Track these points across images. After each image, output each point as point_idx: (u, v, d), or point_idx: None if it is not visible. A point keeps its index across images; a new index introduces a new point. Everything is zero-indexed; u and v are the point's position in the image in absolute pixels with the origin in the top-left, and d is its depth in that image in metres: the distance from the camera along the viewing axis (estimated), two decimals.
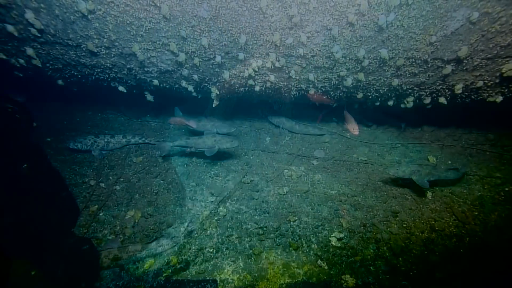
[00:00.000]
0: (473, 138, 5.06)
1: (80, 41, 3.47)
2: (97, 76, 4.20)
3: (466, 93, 3.66)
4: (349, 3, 2.79)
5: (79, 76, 4.27)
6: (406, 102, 4.12)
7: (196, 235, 3.60)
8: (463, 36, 2.87)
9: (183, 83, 4.11)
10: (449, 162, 4.64)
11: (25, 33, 3.38)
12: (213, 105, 4.61)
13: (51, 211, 2.03)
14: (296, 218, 3.81)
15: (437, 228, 3.56)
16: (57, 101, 5.97)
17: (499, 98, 3.55)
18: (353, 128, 4.70)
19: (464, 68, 3.21)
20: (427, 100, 3.98)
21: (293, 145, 5.28)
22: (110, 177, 4.54)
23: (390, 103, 4.24)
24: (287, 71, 3.67)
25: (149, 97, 4.65)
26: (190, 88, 4.19)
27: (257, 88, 4.03)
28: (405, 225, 3.68)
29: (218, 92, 4.28)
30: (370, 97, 4.15)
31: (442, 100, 3.88)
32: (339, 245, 3.48)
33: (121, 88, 4.48)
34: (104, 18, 3.17)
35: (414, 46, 3.05)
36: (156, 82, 4.10)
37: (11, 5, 3.03)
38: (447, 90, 3.66)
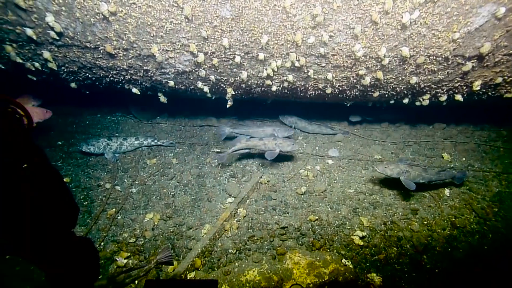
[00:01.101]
0: (486, 135, 5.10)
1: (98, 43, 3.45)
2: (111, 78, 4.18)
3: (484, 90, 3.69)
4: (374, 1, 2.80)
5: (93, 79, 4.25)
6: (421, 100, 4.14)
7: (217, 236, 3.59)
8: (487, 32, 2.90)
9: (199, 84, 4.11)
10: (463, 159, 4.67)
11: (44, 36, 3.35)
12: (227, 106, 4.62)
13: (51, 211, 2.04)
14: (317, 217, 3.81)
15: (458, 225, 3.58)
16: (66, 104, 5.94)
17: None
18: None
19: (485, 65, 3.24)
20: (443, 98, 4.01)
21: (307, 144, 5.29)
22: (125, 180, 4.52)
23: (405, 101, 4.26)
24: (305, 71, 3.68)
25: (163, 99, 4.64)
26: (206, 89, 4.19)
27: (274, 88, 4.04)
28: (425, 222, 3.69)
29: (233, 93, 4.28)
30: (386, 95, 4.17)
31: (458, 97, 3.91)
32: (362, 243, 3.49)
33: (134, 90, 4.47)
34: (124, 19, 3.15)
35: (436, 44, 3.07)
36: (171, 83, 4.09)
37: (32, 8, 3.01)
38: (464, 87, 3.69)
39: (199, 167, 4.74)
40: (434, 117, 5.48)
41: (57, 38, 3.36)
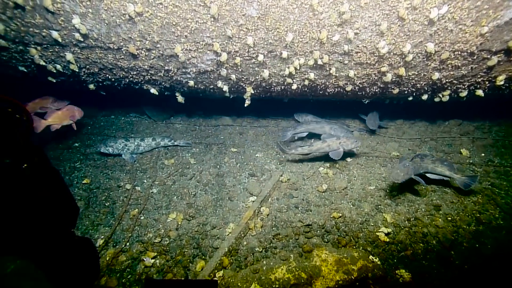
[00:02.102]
0: (503, 130, 5.10)
1: (122, 44, 3.46)
2: (131, 79, 4.19)
3: (507, 84, 3.69)
4: None
5: (113, 80, 4.27)
6: (441, 96, 4.14)
7: (242, 235, 3.60)
8: None
9: (219, 83, 4.11)
10: (482, 154, 4.67)
11: (68, 38, 3.37)
12: (245, 105, 4.63)
13: (51, 211, 2.05)
14: (340, 214, 3.82)
15: (483, 221, 3.58)
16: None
17: None
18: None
19: (511, 59, 3.25)
20: (464, 93, 4.01)
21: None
22: (145, 181, 4.53)
23: (425, 97, 4.26)
24: (328, 68, 3.68)
25: (180, 99, 4.65)
26: (225, 88, 4.20)
27: (294, 86, 4.04)
28: (449, 218, 3.69)
29: (253, 92, 4.29)
30: (406, 92, 4.18)
31: (479, 92, 3.91)
32: (387, 240, 3.49)
33: (153, 90, 4.48)
34: (150, 20, 3.16)
35: (462, 39, 3.07)
36: (191, 83, 4.10)
37: (59, 11, 3.02)
38: (487, 82, 3.69)
39: (218, 166, 4.75)
40: (445, 114, 5.47)
41: (82, 39, 3.37)
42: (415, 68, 3.58)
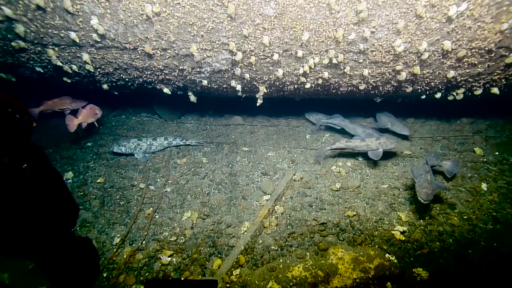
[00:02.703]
0: None
1: (138, 44, 3.50)
2: (145, 78, 4.23)
3: None
4: None
5: (127, 80, 4.30)
6: (455, 94, 4.13)
7: (257, 233, 3.61)
8: None
9: (232, 83, 4.13)
10: (496, 153, 4.64)
11: (86, 39, 3.41)
12: (257, 104, 4.65)
13: (51, 211, 2.05)
14: (354, 213, 3.82)
15: (500, 220, 3.56)
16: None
17: None
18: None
19: None
20: (479, 91, 3.99)
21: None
22: (158, 180, 4.56)
23: (438, 95, 4.25)
24: (342, 67, 3.68)
25: (193, 98, 4.68)
26: (238, 87, 4.21)
27: (307, 85, 4.05)
28: (465, 217, 3.68)
29: (266, 91, 4.31)
30: (419, 90, 4.16)
31: (495, 90, 3.89)
32: (403, 238, 3.49)
33: (166, 90, 4.51)
34: (167, 20, 3.19)
35: (480, 36, 3.06)
36: (205, 82, 4.13)
37: (78, 12, 3.06)
38: (503, 80, 3.67)
39: (230, 165, 4.77)
40: (456, 112, 5.43)
41: (99, 40, 3.41)
42: (430, 66, 3.57)
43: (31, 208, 1.81)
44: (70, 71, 3.94)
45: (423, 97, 4.40)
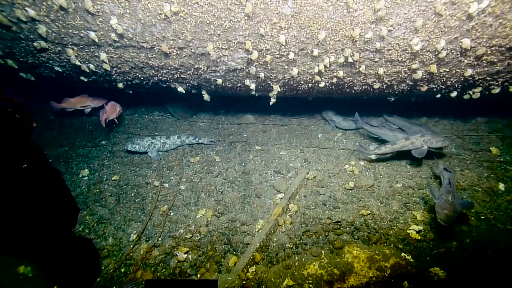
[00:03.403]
0: None
1: (155, 43, 3.55)
2: (159, 77, 4.28)
3: None
4: None
5: (142, 78, 4.37)
6: (472, 93, 4.09)
7: (272, 231, 3.64)
8: None
9: (247, 82, 4.16)
10: None
11: (105, 38, 3.48)
12: (270, 103, 4.67)
13: (50, 211, 2.04)
14: (369, 212, 3.82)
15: None
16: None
17: None
18: None
19: None
20: (496, 90, 3.94)
21: (347, 140, 5.29)
22: (172, 178, 4.62)
23: (454, 94, 4.21)
24: (357, 66, 3.68)
25: (206, 97, 4.73)
26: (252, 86, 4.24)
27: (321, 84, 4.06)
28: (482, 217, 3.65)
29: (279, 90, 4.33)
30: (435, 89, 4.14)
31: None
32: (419, 237, 3.48)
33: (180, 89, 4.56)
34: (185, 19, 3.24)
35: (502, 33, 3.02)
36: (219, 81, 4.17)
37: (99, 12, 3.13)
38: None
39: (243, 164, 4.80)
40: (470, 111, 5.37)
41: (117, 39, 3.47)
42: (447, 64, 3.54)
43: (31, 208, 1.81)
44: (88, 70, 4.02)
45: (438, 96, 4.37)
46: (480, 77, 3.69)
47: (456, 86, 3.99)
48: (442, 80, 3.87)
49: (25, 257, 2.12)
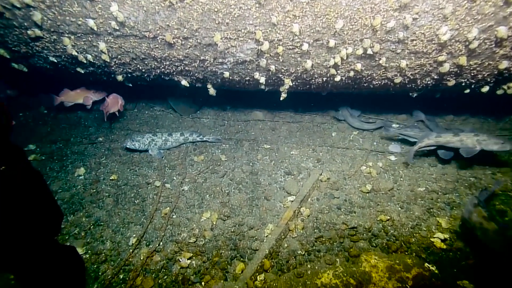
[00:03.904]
0: None
1: (158, 32, 3.55)
2: (162, 69, 4.29)
3: None
4: None
5: (143, 70, 4.38)
6: (506, 88, 4.01)
7: (282, 237, 3.62)
8: None
9: (256, 75, 4.14)
10: None
11: (104, 27, 3.49)
12: (281, 99, 4.64)
13: (31, 217, 1.98)
14: (388, 217, 3.77)
15: None
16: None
17: None
18: None
19: None
20: None
21: (363, 140, 5.24)
22: (174, 178, 4.63)
23: (485, 89, 4.13)
24: (377, 58, 3.63)
25: (212, 91, 4.72)
26: (262, 80, 4.22)
27: (337, 78, 4.01)
28: None
29: (291, 84, 4.30)
30: (463, 84, 4.06)
31: None
32: (444, 247, 3.42)
33: (184, 82, 4.57)
34: (191, 6, 3.23)
35: None
36: (227, 74, 4.15)
37: None
38: None
39: (251, 164, 4.79)
40: (500, 108, 5.26)
41: (117, 28, 3.48)
42: (479, 56, 3.47)
43: (9, 214, 1.78)
44: (85, 61, 4.05)
45: (467, 91, 4.29)
46: None
47: (489, 80, 3.91)
48: (472, 74, 3.80)
49: (2, 268, 2.09)
